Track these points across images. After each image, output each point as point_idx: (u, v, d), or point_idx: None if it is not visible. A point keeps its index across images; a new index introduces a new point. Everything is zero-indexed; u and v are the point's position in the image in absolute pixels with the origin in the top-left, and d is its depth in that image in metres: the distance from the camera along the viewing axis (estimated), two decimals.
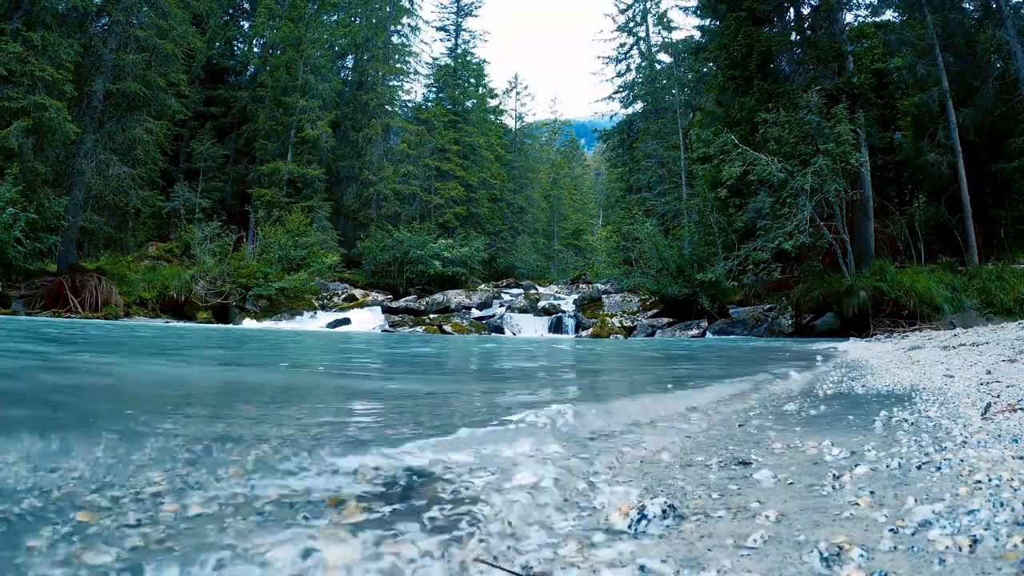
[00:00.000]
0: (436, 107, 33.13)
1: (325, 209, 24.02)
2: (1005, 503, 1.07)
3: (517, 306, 18.42)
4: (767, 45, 14.48)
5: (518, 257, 32.98)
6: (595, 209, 50.29)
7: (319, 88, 24.48)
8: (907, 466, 1.46)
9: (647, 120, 28.88)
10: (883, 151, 16.59)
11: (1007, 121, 14.29)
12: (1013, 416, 1.92)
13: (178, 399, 2.93)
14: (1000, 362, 3.75)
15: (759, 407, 2.84)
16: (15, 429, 1.66)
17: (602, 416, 2.15)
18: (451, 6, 36.33)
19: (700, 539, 1.05)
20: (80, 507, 1.07)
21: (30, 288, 13.99)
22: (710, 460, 1.67)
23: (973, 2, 15.60)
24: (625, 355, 8.21)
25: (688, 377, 4.72)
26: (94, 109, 15.63)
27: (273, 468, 1.32)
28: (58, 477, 1.24)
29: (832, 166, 11.88)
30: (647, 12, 30.43)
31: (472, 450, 1.48)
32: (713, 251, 15.15)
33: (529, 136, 41.99)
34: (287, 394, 3.48)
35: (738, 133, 13.46)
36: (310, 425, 2.07)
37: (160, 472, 1.28)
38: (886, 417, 2.25)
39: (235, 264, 17.56)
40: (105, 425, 1.90)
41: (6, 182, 13.06)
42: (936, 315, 11.00)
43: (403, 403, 2.93)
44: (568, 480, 1.36)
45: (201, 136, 24.57)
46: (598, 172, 56.44)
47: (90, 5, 15.24)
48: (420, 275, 22.44)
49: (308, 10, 25.22)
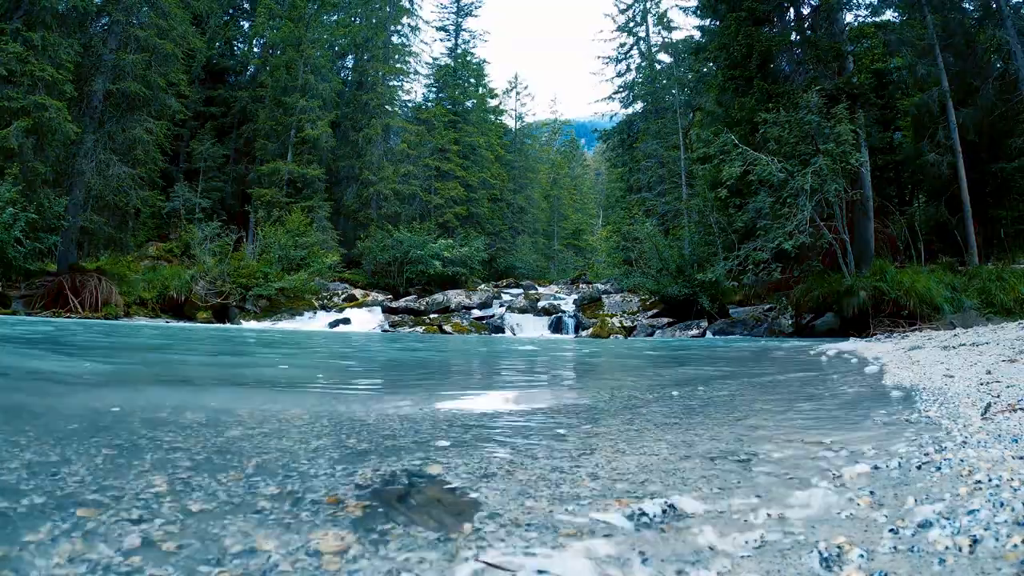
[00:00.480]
0: (436, 107, 33.13)
1: (325, 209, 24.02)
2: (1005, 503, 1.07)
3: (517, 306, 18.41)
4: (767, 45, 14.47)
5: (518, 257, 32.97)
6: (595, 209, 50.30)
7: (319, 88, 24.48)
8: (907, 466, 1.46)
9: (647, 120, 28.88)
10: (883, 151, 16.59)
11: (1007, 121, 14.29)
12: (1013, 416, 1.92)
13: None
14: (1000, 362, 3.75)
15: (758, 407, 2.83)
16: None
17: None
18: (451, 6, 36.36)
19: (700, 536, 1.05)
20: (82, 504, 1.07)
21: (30, 288, 13.99)
22: (709, 456, 1.67)
23: (973, 2, 15.60)
24: (643, 357, 8.19)
25: (697, 377, 4.71)
26: (94, 109, 15.62)
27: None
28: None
29: (832, 166, 11.87)
30: (647, 12, 30.45)
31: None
32: (713, 251, 15.15)
33: (529, 136, 42.00)
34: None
35: (738, 133, 13.46)
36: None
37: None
38: (886, 416, 2.25)
39: (235, 264, 17.55)
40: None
41: (6, 182, 13.06)
42: (936, 315, 10.99)
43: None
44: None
45: (201, 136, 24.57)
46: (598, 172, 56.45)
47: (90, 5, 15.23)
48: (420, 275, 22.44)
49: (308, 10, 25.22)
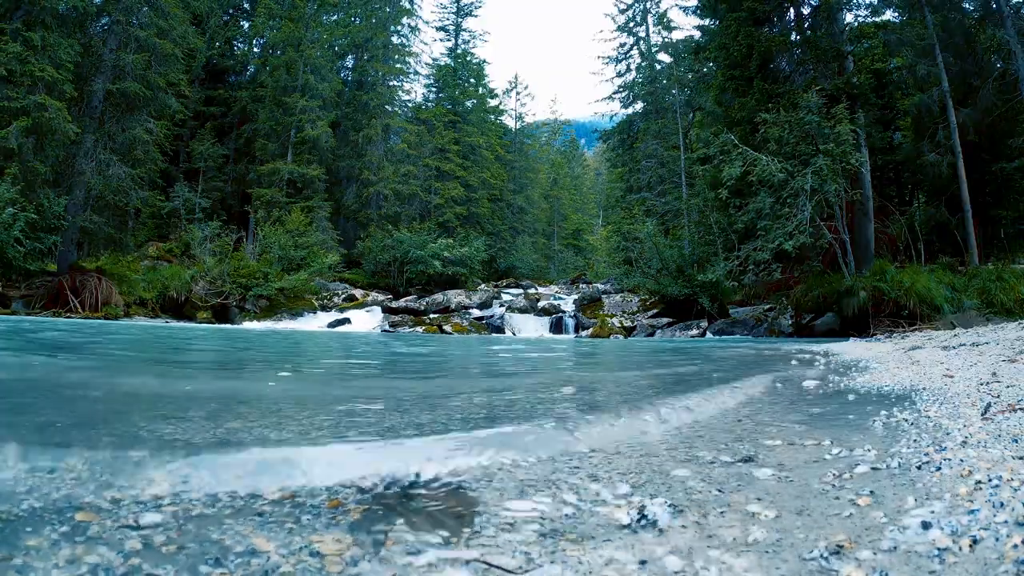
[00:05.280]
0: (436, 107, 33.13)
1: (325, 209, 24.01)
2: (1005, 503, 1.07)
3: (517, 306, 18.42)
4: (767, 45, 14.47)
5: (518, 257, 32.98)
6: (595, 209, 50.28)
7: (319, 88, 24.48)
8: (907, 466, 1.47)
9: (647, 120, 28.88)
10: (883, 151, 16.57)
11: (1007, 121, 14.28)
12: (1013, 416, 1.92)
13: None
14: (1000, 362, 3.75)
15: (758, 404, 2.84)
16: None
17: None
18: (451, 6, 36.35)
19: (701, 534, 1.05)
20: (80, 507, 1.07)
21: (30, 288, 13.98)
22: (709, 455, 1.67)
23: (973, 2, 15.59)
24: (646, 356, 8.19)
25: (689, 376, 4.71)
26: (94, 109, 15.62)
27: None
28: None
29: (832, 166, 11.87)
30: (647, 12, 30.45)
31: None
32: (713, 251, 15.14)
33: (529, 136, 41.99)
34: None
35: (738, 133, 13.45)
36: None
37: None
38: (886, 417, 2.25)
39: (235, 264, 17.55)
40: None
41: (6, 182, 13.06)
42: (936, 315, 10.98)
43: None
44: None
45: (201, 136, 24.55)
46: (598, 172, 56.43)
47: (90, 5, 15.23)
48: (420, 275, 22.44)
49: (308, 10, 25.22)
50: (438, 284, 22.27)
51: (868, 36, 16.58)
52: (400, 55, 32.04)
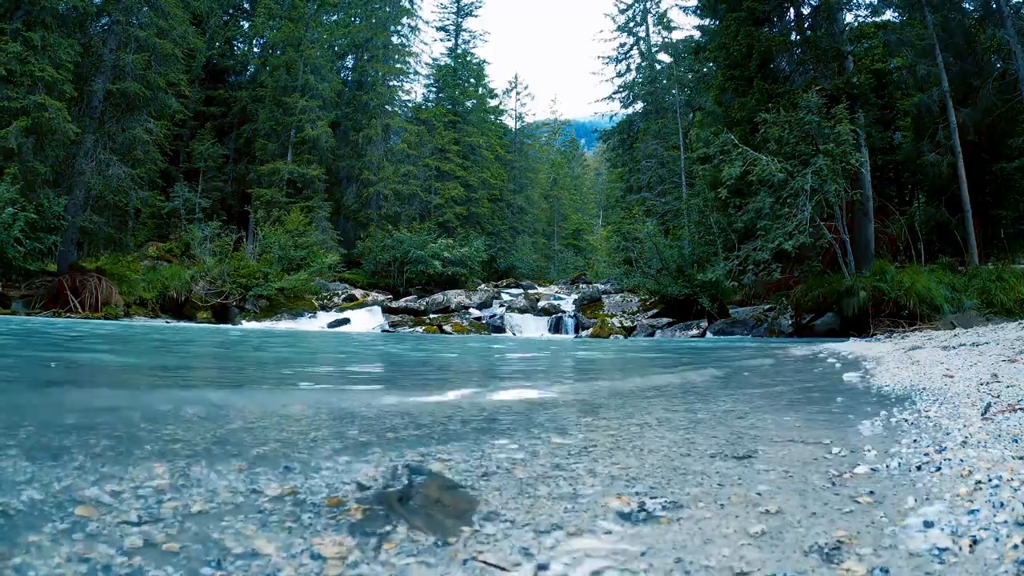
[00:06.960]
0: (436, 107, 33.12)
1: (325, 209, 24.00)
2: (1005, 503, 1.07)
3: (517, 306, 18.42)
4: (767, 45, 14.46)
5: (518, 257, 32.98)
6: (595, 209, 50.29)
7: (319, 88, 24.47)
8: (907, 466, 1.47)
9: (647, 120, 28.88)
10: (883, 151, 16.57)
11: (1007, 121, 14.27)
12: (1013, 416, 1.92)
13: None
14: (1000, 362, 3.75)
15: (758, 403, 2.84)
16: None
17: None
18: (451, 6, 36.35)
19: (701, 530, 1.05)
20: (80, 501, 1.07)
21: (30, 288, 13.98)
22: (709, 451, 1.67)
23: (973, 2, 15.59)
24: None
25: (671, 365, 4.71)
26: (94, 109, 15.61)
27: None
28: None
29: (832, 166, 11.87)
30: (647, 12, 30.46)
31: None
32: (713, 251, 15.14)
33: (529, 136, 41.99)
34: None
35: (738, 133, 13.45)
36: None
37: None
38: (886, 416, 2.25)
39: (235, 264, 17.55)
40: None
41: (6, 182, 13.05)
42: (936, 315, 10.98)
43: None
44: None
45: (201, 136, 24.54)
46: (598, 172, 56.44)
47: (90, 5, 15.22)
48: (420, 275, 22.44)
49: (308, 10, 25.21)
50: (438, 284, 22.27)
51: (868, 36, 16.58)
52: (400, 55, 32.04)
